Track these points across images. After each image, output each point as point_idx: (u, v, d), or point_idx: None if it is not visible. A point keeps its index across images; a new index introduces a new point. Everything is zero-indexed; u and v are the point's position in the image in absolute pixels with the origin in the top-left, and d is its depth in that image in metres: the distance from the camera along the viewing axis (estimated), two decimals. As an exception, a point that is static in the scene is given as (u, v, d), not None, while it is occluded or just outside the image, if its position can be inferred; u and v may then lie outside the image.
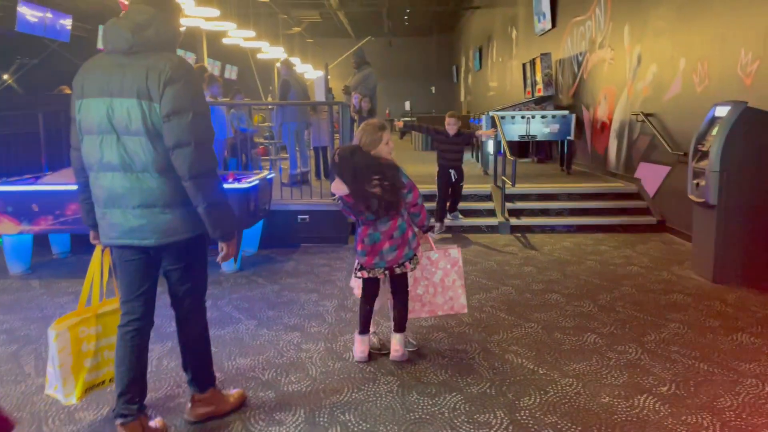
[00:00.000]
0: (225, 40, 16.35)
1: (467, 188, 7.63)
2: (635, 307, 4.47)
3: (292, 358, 3.64)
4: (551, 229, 7.27)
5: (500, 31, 17.62)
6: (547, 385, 3.23)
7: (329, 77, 7.46)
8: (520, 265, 5.73)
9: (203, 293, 2.87)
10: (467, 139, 7.06)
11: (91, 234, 2.90)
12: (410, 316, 3.72)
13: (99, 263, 3.02)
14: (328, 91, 6.68)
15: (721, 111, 5.06)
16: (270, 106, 10.34)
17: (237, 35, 15.76)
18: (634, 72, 8.02)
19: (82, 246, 6.30)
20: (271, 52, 19.10)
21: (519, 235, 7.12)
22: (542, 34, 12.48)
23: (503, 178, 7.29)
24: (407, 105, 24.32)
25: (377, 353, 3.67)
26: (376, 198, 3.36)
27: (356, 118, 8.27)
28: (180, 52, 21.74)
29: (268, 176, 6.19)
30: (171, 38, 2.65)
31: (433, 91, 29.65)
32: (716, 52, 5.99)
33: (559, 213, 7.55)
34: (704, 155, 5.14)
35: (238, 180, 5.58)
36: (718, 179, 4.91)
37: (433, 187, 7.07)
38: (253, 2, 18.59)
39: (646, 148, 7.65)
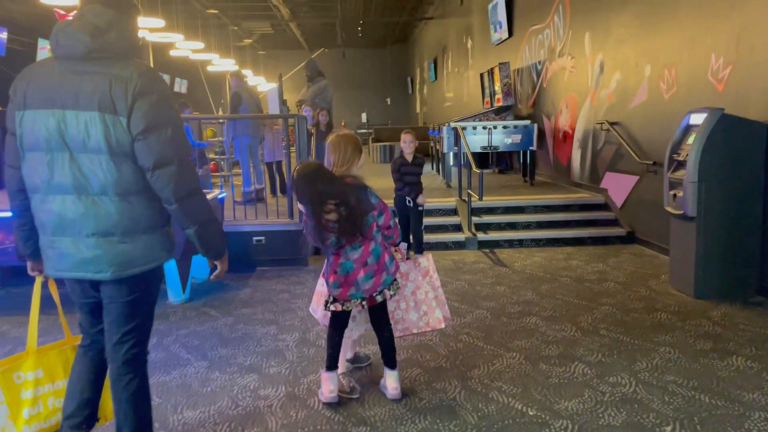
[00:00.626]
0: (172, 52, 15.72)
1: (432, 202, 7.30)
2: (619, 329, 4.17)
3: (248, 408, 3.18)
4: (519, 243, 6.99)
5: (455, 42, 17.50)
6: (539, 430, 2.87)
7: (283, 89, 7.03)
8: (492, 285, 5.40)
9: (146, 338, 2.45)
10: (420, 169, 5.75)
11: (29, 265, 2.48)
12: None
13: (39, 297, 2.63)
14: (283, 103, 6.27)
15: (697, 118, 4.85)
16: (220, 120, 9.78)
17: (185, 47, 15.18)
18: (596, 80, 7.85)
19: (10, 279, 5.68)
20: (222, 64, 18.52)
21: (487, 250, 6.81)
22: (499, 44, 12.34)
23: (469, 191, 6.98)
24: (363, 117, 24.03)
25: (346, 397, 3.25)
26: (336, 225, 2.98)
27: (313, 131, 7.86)
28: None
29: (219, 195, 5.71)
30: (134, 44, 2.29)
31: (389, 103, 29.46)
32: (684, 58, 5.82)
33: (527, 226, 7.28)
34: (680, 165, 4.92)
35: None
36: (696, 190, 4.69)
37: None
38: (201, 13, 18.02)
39: (611, 157, 7.47)
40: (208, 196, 5.29)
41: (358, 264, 3.10)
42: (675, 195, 4.91)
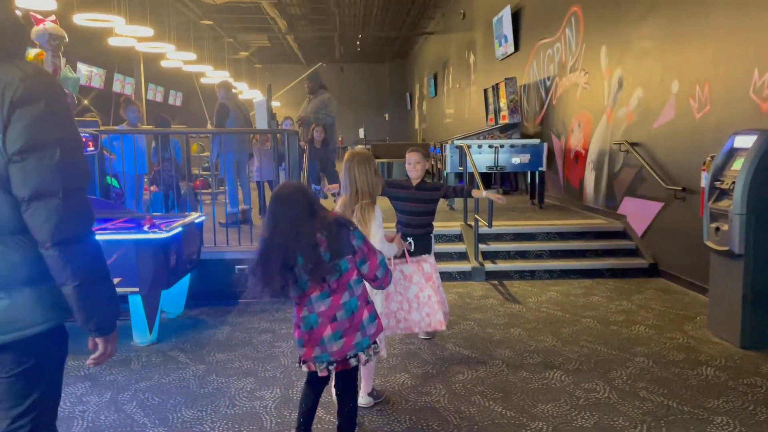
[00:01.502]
0: (163, 63, 15.13)
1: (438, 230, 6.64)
2: (662, 390, 3.51)
3: (209, 502, 2.51)
4: (531, 275, 6.33)
5: (456, 57, 16.98)
6: None
7: (273, 101, 6.37)
8: (506, 326, 4.74)
9: (51, 420, 1.81)
10: (439, 195, 4.15)
11: None
12: (386, 333, 3.60)
13: None
14: (272, 117, 5.65)
15: (743, 141, 4.23)
16: (203, 134, 9.15)
17: (176, 57, 14.59)
18: (614, 97, 7.26)
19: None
20: (217, 76, 17.93)
21: (496, 282, 6.15)
22: (504, 58, 11.79)
23: (476, 216, 6.34)
24: (361, 132, 23.43)
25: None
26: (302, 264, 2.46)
27: (305, 148, 7.23)
28: (118, 76, 20.45)
29: (197, 220, 5.05)
30: (17, 39, 1.72)
31: (387, 119, 28.95)
32: (720, 73, 5.22)
33: (538, 255, 6.63)
34: (724, 194, 4.29)
35: (156, 227, 4.43)
36: (744, 223, 4.06)
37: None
38: (195, 24, 17.47)
39: (631, 181, 6.84)
40: (183, 221, 4.64)
41: (324, 318, 2.52)
42: (718, 228, 4.28)
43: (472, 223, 6.76)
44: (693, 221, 5.56)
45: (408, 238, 3.97)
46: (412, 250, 3.91)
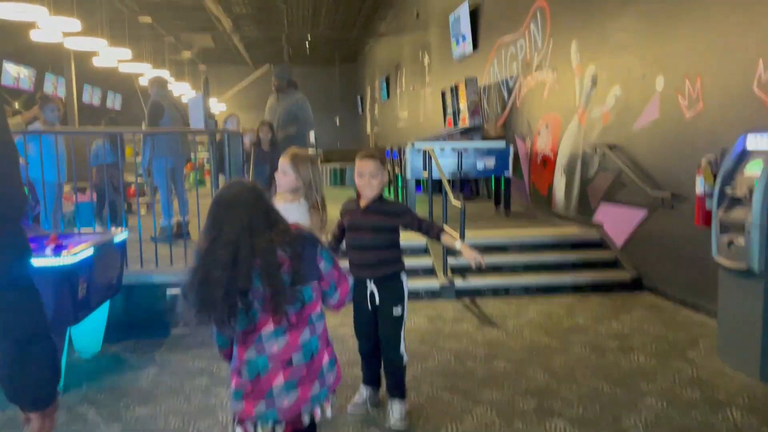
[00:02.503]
0: (95, 60, 13.95)
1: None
2: (689, 443, 2.89)
3: None
4: (506, 292, 5.70)
5: (410, 58, 16.39)
6: None
7: (219, 102, 5.49)
8: (488, 358, 4.06)
9: None
10: (398, 222, 3.08)
11: None
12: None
13: None
14: (210, 116, 4.84)
15: (758, 142, 3.68)
16: (134, 134, 8.13)
17: (109, 55, 13.48)
18: (587, 96, 6.72)
19: None
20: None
21: (468, 301, 5.49)
22: (462, 59, 11.23)
23: (444, 226, 5.64)
24: (312, 136, 22.55)
25: None
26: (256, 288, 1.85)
27: (252, 151, 6.40)
28: (50, 76, 19.00)
29: (117, 239, 4.19)
30: None
31: (338, 123, 28.15)
32: (715, 66, 4.71)
33: (513, 269, 6.00)
34: (736, 202, 3.74)
35: (62, 248, 3.55)
36: (764, 236, 3.50)
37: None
38: (131, 21, 16.32)
39: (609, 186, 6.31)
40: (96, 241, 3.78)
41: (277, 362, 1.89)
42: (731, 242, 3.71)
43: (439, 235, 6.10)
44: (684, 231, 5.04)
45: (369, 285, 3.03)
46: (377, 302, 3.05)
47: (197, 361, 4.08)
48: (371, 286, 3.03)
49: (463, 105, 10.09)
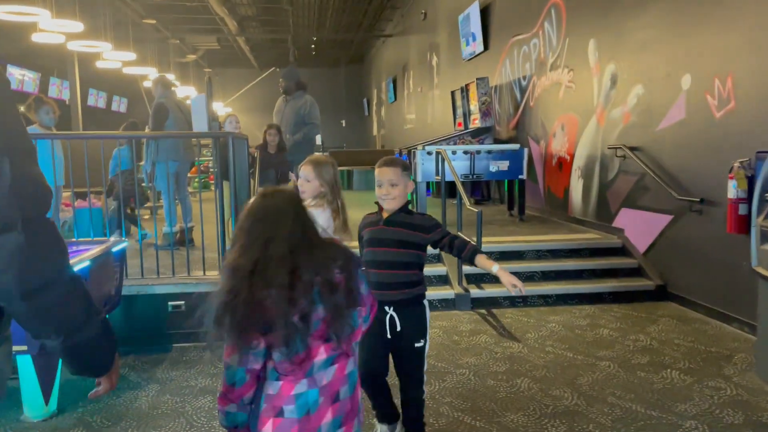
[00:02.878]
0: (99, 63, 13.79)
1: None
2: (739, 476, 2.63)
3: None
4: (523, 301, 5.44)
5: (418, 59, 16.15)
6: None
7: (225, 106, 5.24)
8: (509, 376, 3.80)
9: None
10: (428, 239, 2.71)
11: None
12: None
13: None
14: (213, 117, 4.60)
15: (802, 143, 3.42)
16: (138, 139, 7.93)
17: (114, 57, 13.31)
18: (606, 96, 6.46)
19: None
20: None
21: (484, 312, 5.23)
22: (471, 58, 10.98)
23: (459, 233, 5.39)
24: (318, 139, 22.35)
25: None
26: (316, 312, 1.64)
27: (256, 155, 6.17)
28: (54, 81, 18.84)
29: (115, 248, 3.95)
30: None
31: (344, 125, 27.95)
32: (747, 64, 4.44)
33: (530, 277, 5.74)
34: (779, 208, 3.47)
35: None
36: (811, 246, 3.23)
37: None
38: (135, 23, 16.15)
39: (630, 190, 6.04)
40: (93, 252, 3.55)
41: (327, 397, 1.67)
42: (774, 251, 3.45)
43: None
44: (714, 237, 4.77)
45: (387, 310, 2.64)
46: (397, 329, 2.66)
47: (200, 378, 3.84)
48: (390, 312, 2.64)
49: (474, 106, 9.84)
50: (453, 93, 11.00)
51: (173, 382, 3.82)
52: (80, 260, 3.35)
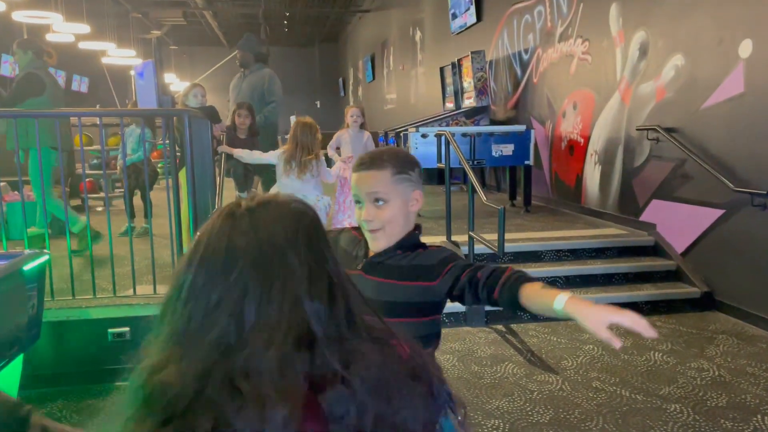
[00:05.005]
0: (49, 36, 12.46)
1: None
2: None
3: None
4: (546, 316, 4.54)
5: (399, 35, 15.10)
6: None
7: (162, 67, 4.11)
8: (555, 425, 2.90)
9: None
10: (440, 288, 1.52)
11: None
12: None
13: None
14: (164, 91, 3.58)
15: None
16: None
17: (65, 30, 12.02)
18: (633, 69, 5.55)
19: None
20: (121, 55, 15.36)
21: (502, 328, 4.33)
22: (461, 32, 10.01)
23: (472, 234, 4.47)
24: (292, 120, 21.24)
25: None
26: None
27: (222, 138, 5.12)
28: (6, 58, 17.31)
29: (26, 265, 2.91)
30: None
31: (319, 106, 26.77)
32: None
33: (551, 284, 4.84)
34: None
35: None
36: None
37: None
38: (91, -7, 14.74)
39: (665, 179, 5.16)
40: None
41: None
42: None
43: (460, 239, 4.94)
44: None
45: None
46: None
47: (146, 441, 2.86)
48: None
49: (467, 83, 8.87)
50: (442, 69, 10.02)
51: (110, 445, 2.83)
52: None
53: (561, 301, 1.32)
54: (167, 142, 3.71)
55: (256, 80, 6.37)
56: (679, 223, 4.98)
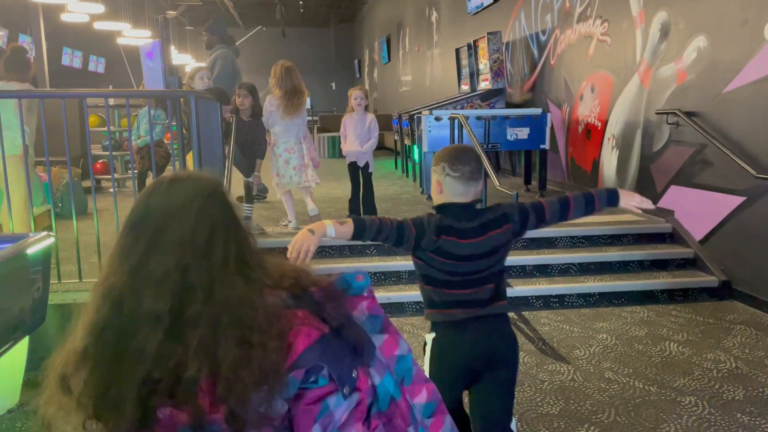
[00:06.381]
0: (64, 16, 12.46)
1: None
2: None
3: None
4: (560, 302, 4.46)
5: (415, 16, 14.90)
6: None
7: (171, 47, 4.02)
8: (567, 423, 2.83)
9: None
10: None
11: None
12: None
13: None
14: (171, 72, 3.51)
15: None
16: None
17: (79, 10, 11.98)
18: (653, 51, 5.39)
19: None
20: (136, 36, 15.32)
21: (514, 316, 4.25)
22: (478, 12, 9.82)
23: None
24: (308, 102, 21.15)
25: None
26: None
27: (231, 120, 5.05)
28: (24, 38, 17.39)
29: (31, 249, 2.89)
30: None
31: (334, 88, 26.62)
32: None
33: (565, 271, 4.76)
34: None
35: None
36: None
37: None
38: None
39: (684, 164, 5.02)
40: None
41: None
42: None
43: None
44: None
45: None
46: None
47: (151, 426, 2.84)
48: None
49: (483, 64, 8.72)
50: (458, 51, 9.86)
51: (114, 429, 2.82)
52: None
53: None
54: (175, 124, 3.66)
55: (213, 60, 6.48)
56: (698, 210, 4.85)
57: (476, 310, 1.98)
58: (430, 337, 2.03)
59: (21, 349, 2.97)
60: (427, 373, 1.88)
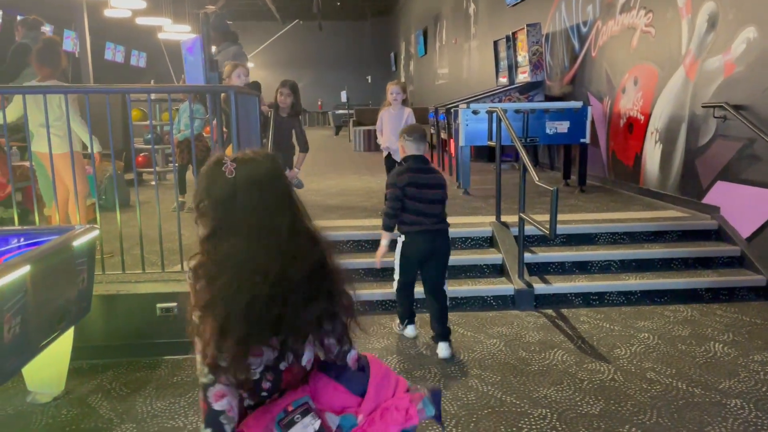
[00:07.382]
0: (107, 12, 12.72)
1: (454, 229, 4.57)
2: None
3: None
4: (599, 300, 4.38)
5: (452, 8, 14.77)
6: None
7: (211, 46, 4.04)
8: (608, 421, 2.78)
9: None
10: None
11: None
12: None
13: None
14: (213, 67, 3.54)
15: None
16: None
17: (122, 5, 12.22)
18: (700, 42, 5.23)
19: None
20: (176, 31, 15.57)
21: (552, 313, 4.19)
22: (516, 3, 9.68)
23: (522, 215, 4.31)
24: (344, 96, 21.25)
25: None
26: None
27: (269, 114, 5.08)
28: (69, 33, 17.85)
29: (77, 241, 2.96)
30: None
31: (370, 81, 26.61)
32: None
33: (605, 268, 4.67)
34: None
35: None
36: None
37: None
38: (148, -31, 14.91)
39: (732, 159, 4.87)
40: (34, 252, 2.58)
41: None
42: None
43: (510, 220, 4.80)
44: None
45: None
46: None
47: (191, 416, 2.89)
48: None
49: (522, 57, 8.61)
50: (496, 43, 9.75)
51: (157, 415, 2.88)
52: (14, 267, 2.37)
53: None
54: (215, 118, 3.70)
55: (224, 58, 6.38)
56: (745, 207, 4.70)
57: (429, 225, 3.37)
58: (401, 240, 3.45)
59: (67, 339, 3.05)
60: (397, 260, 3.49)
